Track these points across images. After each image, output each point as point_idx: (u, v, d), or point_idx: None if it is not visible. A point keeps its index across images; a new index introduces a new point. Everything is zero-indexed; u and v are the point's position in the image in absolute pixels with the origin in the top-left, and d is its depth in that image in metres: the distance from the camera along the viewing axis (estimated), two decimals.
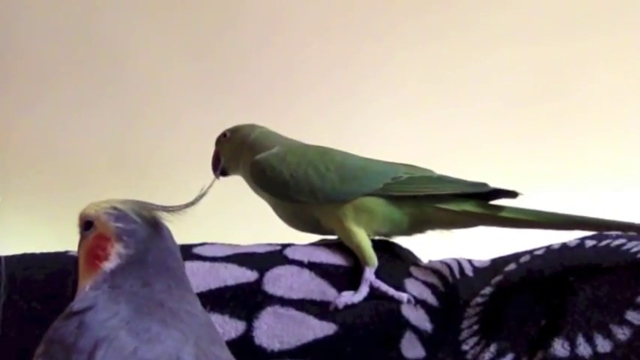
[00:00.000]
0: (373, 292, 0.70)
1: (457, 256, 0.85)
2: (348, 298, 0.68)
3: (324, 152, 0.77)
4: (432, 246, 0.83)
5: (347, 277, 0.73)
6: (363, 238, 0.73)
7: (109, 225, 0.52)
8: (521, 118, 1.27)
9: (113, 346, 0.41)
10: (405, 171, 0.76)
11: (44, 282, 0.72)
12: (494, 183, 0.76)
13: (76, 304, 0.45)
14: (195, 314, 0.48)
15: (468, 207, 0.74)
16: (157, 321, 0.44)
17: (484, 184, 0.75)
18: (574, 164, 1.23)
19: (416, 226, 0.77)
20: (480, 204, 0.75)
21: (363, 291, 0.69)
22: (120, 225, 0.52)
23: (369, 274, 0.71)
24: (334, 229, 0.76)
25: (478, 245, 0.88)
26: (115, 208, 0.53)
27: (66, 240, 0.99)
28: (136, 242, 0.51)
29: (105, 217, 0.52)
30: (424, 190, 0.74)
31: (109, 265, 0.50)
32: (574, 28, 1.22)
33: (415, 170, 0.77)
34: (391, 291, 0.71)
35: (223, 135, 0.83)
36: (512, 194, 0.73)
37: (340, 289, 0.71)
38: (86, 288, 0.49)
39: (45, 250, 0.83)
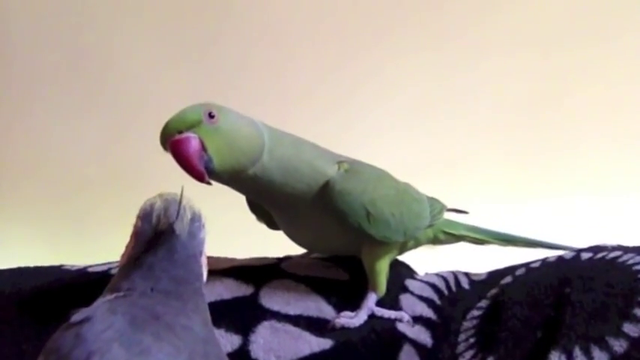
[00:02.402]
0: (372, 316, 0.70)
1: (454, 268, 0.85)
2: (346, 321, 0.68)
3: (403, 190, 0.75)
4: (428, 259, 0.83)
5: (343, 292, 0.73)
6: (386, 267, 0.73)
7: (136, 221, 0.52)
8: (518, 127, 1.27)
9: (105, 358, 0.41)
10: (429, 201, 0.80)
11: (38, 296, 0.72)
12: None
13: (75, 316, 0.45)
14: (192, 329, 0.47)
15: (463, 231, 0.83)
16: (150, 334, 0.44)
17: (443, 204, 0.83)
18: (569, 173, 1.24)
19: (418, 247, 0.81)
20: (470, 228, 0.83)
21: (363, 317, 0.69)
22: (139, 224, 0.51)
23: (372, 301, 0.71)
24: (366, 254, 0.73)
25: (474, 258, 0.88)
26: (151, 205, 0.52)
27: (60, 253, 0.98)
28: (141, 244, 0.50)
29: (140, 212, 0.52)
30: (439, 218, 0.80)
31: (122, 261, 0.51)
32: (569, 37, 1.23)
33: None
34: (392, 316, 0.71)
35: (209, 115, 0.61)
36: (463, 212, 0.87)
37: (337, 305, 0.71)
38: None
39: (39, 264, 0.82)
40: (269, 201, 0.70)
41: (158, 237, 0.50)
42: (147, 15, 1.36)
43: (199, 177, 0.59)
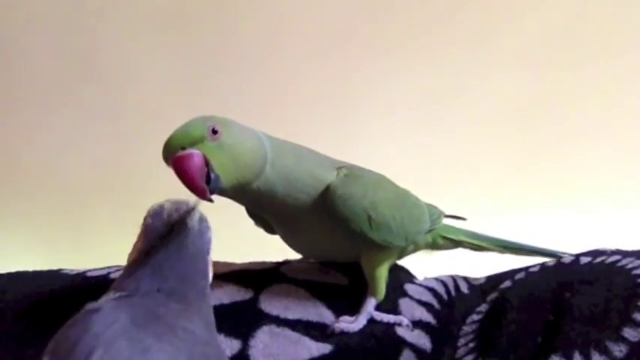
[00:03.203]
0: (372, 320, 0.70)
1: (453, 272, 0.85)
2: (346, 325, 0.68)
3: (403, 194, 0.75)
4: (427, 263, 0.83)
5: (342, 297, 0.73)
6: (385, 273, 0.73)
7: (145, 220, 0.53)
8: (516, 135, 1.28)
9: (109, 353, 0.41)
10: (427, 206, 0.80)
11: (37, 300, 0.72)
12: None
13: (83, 310, 0.46)
14: (192, 331, 0.48)
15: (462, 237, 0.83)
16: (151, 334, 0.44)
17: (441, 210, 0.83)
18: (567, 181, 1.24)
19: (417, 252, 0.81)
20: (468, 234, 0.83)
21: (362, 321, 0.69)
22: (149, 221, 0.52)
23: (371, 306, 0.71)
24: (365, 260, 0.73)
25: (473, 262, 0.88)
26: (160, 206, 0.53)
27: (59, 257, 0.98)
28: (151, 239, 0.51)
29: (150, 211, 0.53)
30: (438, 223, 0.81)
31: (131, 257, 0.52)
32: (566, 51, 1.24)
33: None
34: (392, 320, 0.71)
35: (213, 131, 0.61)
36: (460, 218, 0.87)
37: (336, 310, 0.71)
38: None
39: (38, 268, 0.82)
40: (270, 211, 0.71)
41: (170, 231, 0.51)
42: (150, 22, 1.36)
43: (201, 194, 0.59)
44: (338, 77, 1.33)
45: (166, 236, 0.51)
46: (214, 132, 0.60)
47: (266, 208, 0.70)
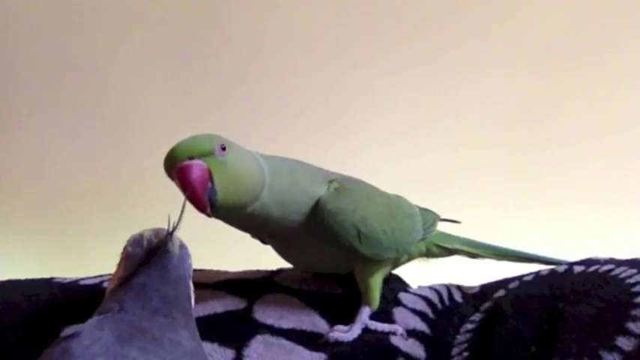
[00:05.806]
0: (366, 330, 0.70)
1: (447, 281, 0.85)
2: (340, 335, 0.68)
3: (395, 205, 0.75)
4: (421, 271, 0.83)
5: (337, 306, 0.73)
6: (379, 283, 0.73)
7: (125, 249, 0.54)
8: (511, 142, 1.28)
9: None
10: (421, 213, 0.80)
11: (29, 309, 0.71)
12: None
13: (64, 331, 0.45)
14: (179, 342, 0.48)
15: (457, 245, 0.82)
16: (137, 348, 0.44)
17: (436, 214, 0.83)
18: (563, 192, 1.25)
19: (412, 260, 0.81)
20: (463, 242, 0.83)
21: (356, 331, 0.69)
22: (129, 249, 0.53)
23: (366, 315, 0.71)
24: (359, 271, 0.73)
25: (467, 270, 0.89)
26: (140, 234, 0.54)
27: (51, 266, 0.98)
28: (132, 266, 0.51)
29: (130, 240, 0.54)
30: (432, 230, 0.80)
31: (112, 285, 0.52)
32: (559, 53, 1.24)
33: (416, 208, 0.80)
34: (386, 329, 0.71)
35: (222, 148, 0.61)
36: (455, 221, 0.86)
37: (330, 319, 0.71)
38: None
39: (30, 277, 0.82)
40: (264, 233, 0.71)
41: (150, 257, 0.52)
42: (141, 29, 1.36)
43: (202, 207, 0.58)
44: (331, 79, 1.33)
45: (147, 261, 0.51)
46: (223, 149, 0.60)
47: (259, 229, 0.70)
